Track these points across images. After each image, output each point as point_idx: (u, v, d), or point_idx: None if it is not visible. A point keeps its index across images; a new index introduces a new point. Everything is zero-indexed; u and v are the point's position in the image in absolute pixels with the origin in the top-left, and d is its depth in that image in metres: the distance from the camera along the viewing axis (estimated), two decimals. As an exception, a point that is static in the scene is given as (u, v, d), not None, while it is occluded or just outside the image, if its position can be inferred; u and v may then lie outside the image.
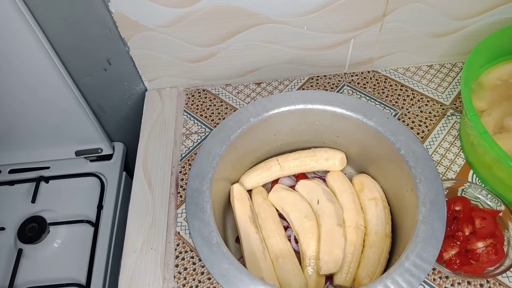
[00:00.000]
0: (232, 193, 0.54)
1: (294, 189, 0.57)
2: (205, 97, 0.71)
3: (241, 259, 0.51)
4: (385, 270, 0.48)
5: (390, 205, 0.53)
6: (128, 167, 0.84)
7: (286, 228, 0.54)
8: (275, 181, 0.58)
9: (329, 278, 0.50)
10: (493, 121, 0.57)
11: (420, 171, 0.46)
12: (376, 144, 0.51)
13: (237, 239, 0.54)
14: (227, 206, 0.56)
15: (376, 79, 0.71)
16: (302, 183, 0.56)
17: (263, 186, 0.58)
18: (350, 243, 0.50)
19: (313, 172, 0.59)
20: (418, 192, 0.45)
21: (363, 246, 0.50)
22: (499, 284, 0.50)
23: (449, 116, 0.66)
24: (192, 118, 0.69)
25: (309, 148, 0.58)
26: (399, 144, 0.48)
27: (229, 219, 0.56)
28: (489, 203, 0.55)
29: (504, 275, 0.50)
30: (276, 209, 0.55)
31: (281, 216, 0.55)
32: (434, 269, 0.51)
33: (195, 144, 0.66)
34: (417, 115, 0.66)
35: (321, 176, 0.59)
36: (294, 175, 0.59)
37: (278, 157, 0.57)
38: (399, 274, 0.40)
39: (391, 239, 0.50)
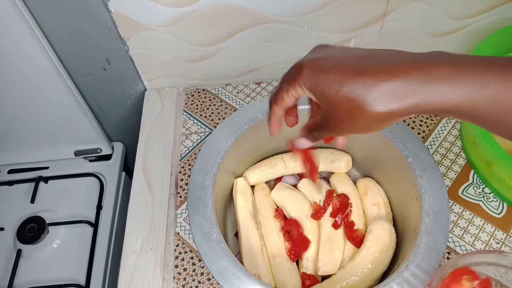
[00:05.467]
0: (235, 187, 0.54)
1: (297, 188, 0.57)
2: (205, 97, 0.71)
3: (239, 254, 0.51)
4: (384, 277, 0.48)
5: (393, 211, 0.53)
6: (128, 167, 0.84)
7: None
8: (279, 179, 0.58)
9: (325, 279, 0.50)
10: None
11: (426, 180, 0.46)
12: (384, 150, 0.51)
13: (237, 234, 0.54)
14: (229, 199, 0.55)
15: (377, 79, 0.71)
16: (304, 182, 0.56)
17: (266, 183, 0.58)
18: (350, 246, 0.50)
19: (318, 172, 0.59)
20: (423, 202, 0.45)
21: None
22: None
23: (449, 116, 0.65)
24: (191, 118, 0.69)
25: (315, 148, 0.58)
26: (407, 152, 0.48)
27: (230, 213, 0.56)
28: (490, 203, 0.55)
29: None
30: (277, 207, 0.55)
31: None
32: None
33: (194, 144, 0.65)
34: (418, 115, 0.66)
35: (326, 177, 0.59)
36: (298, 174, 0.59)
37: (283, 155, 0.57)
38: (398, 283, 0.40)
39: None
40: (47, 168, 0.78)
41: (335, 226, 0.51)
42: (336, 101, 0.30)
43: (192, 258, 0.54)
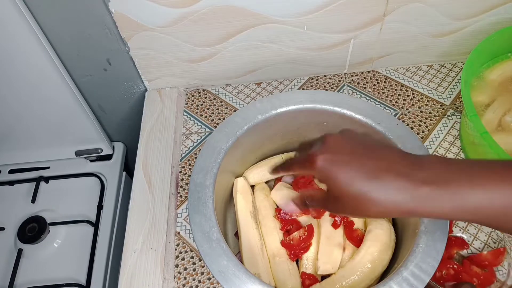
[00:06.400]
0: (235, 187, 0.54)
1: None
2: (205, 97, 0.71)
3: (239, 254, 0.51)
4: (383, 276, 0.48)
5: None
6: (128, 167, 0.84)
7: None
8: (279, 179, 0.58)
9: (324, 279, 0.50)
10: (497, 118, 0.57)
11: None
12: (383, 149, 0.51)
13: (237, 234, 0.54)
14: (229, 199, 0.56)
15: (376, 79, 0.71)
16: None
17: (266, 182, 0.58)
18: (349, 246, 0.50)
19: None
20: None
21: None
22: None
23: (449, 116, 0.66)
24: (192, 118, 0.69)
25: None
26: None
27: (230, 212, 0.56)
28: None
29: None
30: (277, 206, 0.55)
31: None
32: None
33: (195, 144, 0.66)
34: (417, 115, 0.66)
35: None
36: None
37: (283, 155, 0.57)
38: (397, 283, 0.40)
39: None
40: (48, 168, 0.78)
41: (335, 225, 0.51)
42: (347, 195, 0.34)
43: (192, 257, 0.55)
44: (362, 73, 0.72)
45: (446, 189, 0.31)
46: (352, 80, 0.71)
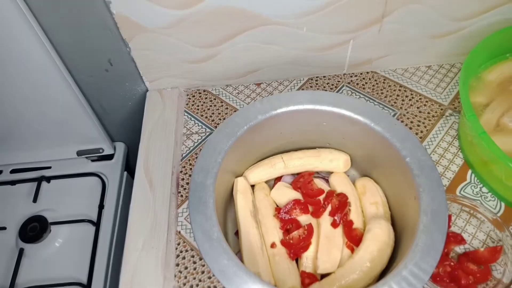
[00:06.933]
0: (235, 187, 0.55)
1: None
2: (206, 98, 0.72)
3: (239, 253, 0.52)
4: (382, 275, 0.48)
5: (391, 211, 0.53)
6: (129, 167, 0.85)
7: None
8: (278, 179, 0.59)
9: (324, 278, 0.50)
10: (495, 119, 0.58)
11: (424, 180, 0.46)
12: (382, 149, 0.52)
13: (237, 233, 0.54)
14: (229, 198, 0.56)
15: (375, 80, 0.72)
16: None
17: (266, 182, 0.58)
18: (349, 245, 0.51)
19: (317, 172, 0.60)
20: (421, 201, 0.45)
21: None
22: None
23: (447, 116, 0.66)
24: (192, 119, 0.69)
25: (314, 148, 0.59)
26: (405, 152, 0.48)
27: (231, 212, 0.56)
28: (487, 202, 0.56)
29: None
30: (277, 206, 0.56)
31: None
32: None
33: (195, 144, 0.66)
34: (416, 115, 0.66)
35: (325, 176, 0.59)
36: (297, 174, 0.59)
37: (283, 155, 0.58)
38: (396, 282, 0.40)
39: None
40: (49, 168, 0.78)
41: (334, 225, 0.51)
42: None
43: (193, 256, 0.55)
44: (361, 73, 0.73)
45: None
46: (351, 80, 0.72)
